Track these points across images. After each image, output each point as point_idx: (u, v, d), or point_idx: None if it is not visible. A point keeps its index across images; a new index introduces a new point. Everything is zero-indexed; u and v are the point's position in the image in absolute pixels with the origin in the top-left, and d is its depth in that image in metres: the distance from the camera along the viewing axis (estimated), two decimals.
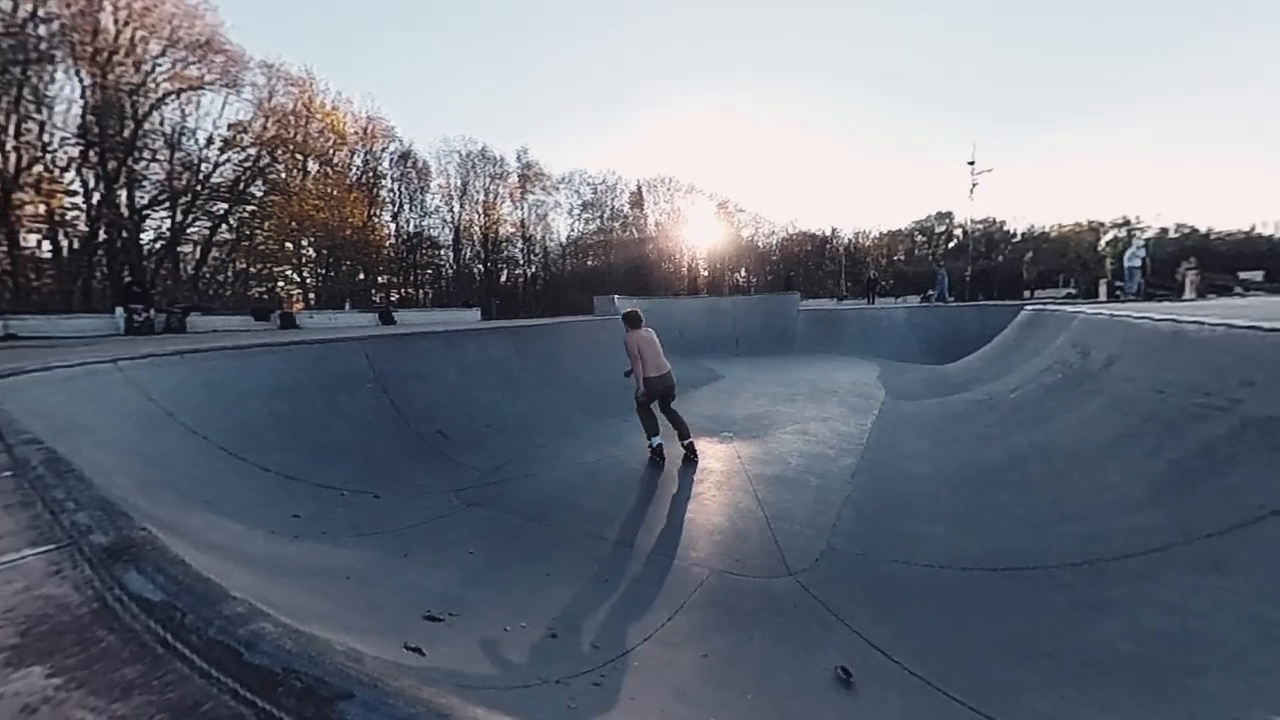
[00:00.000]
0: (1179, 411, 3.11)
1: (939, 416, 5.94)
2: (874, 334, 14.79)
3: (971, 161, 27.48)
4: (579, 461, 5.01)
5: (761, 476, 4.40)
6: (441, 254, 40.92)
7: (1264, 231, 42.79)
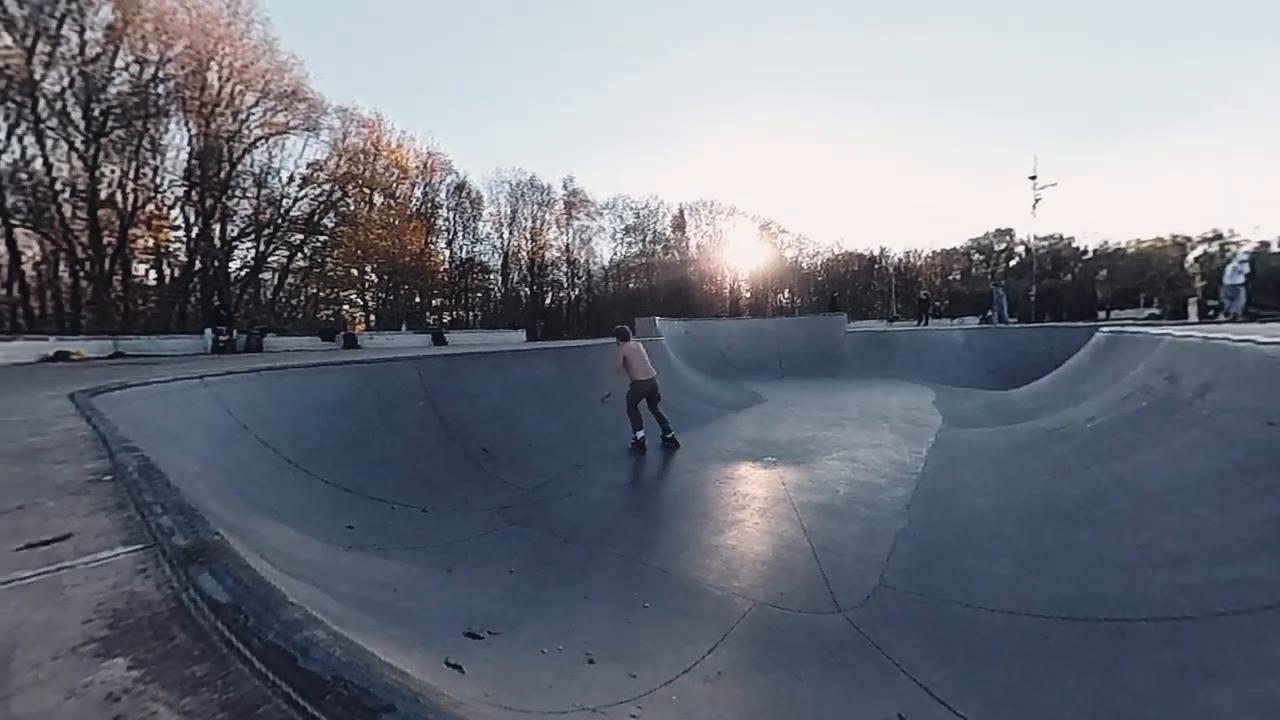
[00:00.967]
0: None
1: (1004, 446, 5.52)
2: (928, 357, 14.05)
3: (1033, 176, 26.06)
4: (617, 483, 4.99)
5: (807, 505, 4.22)
6: (491, 278, 42.89)
7: None
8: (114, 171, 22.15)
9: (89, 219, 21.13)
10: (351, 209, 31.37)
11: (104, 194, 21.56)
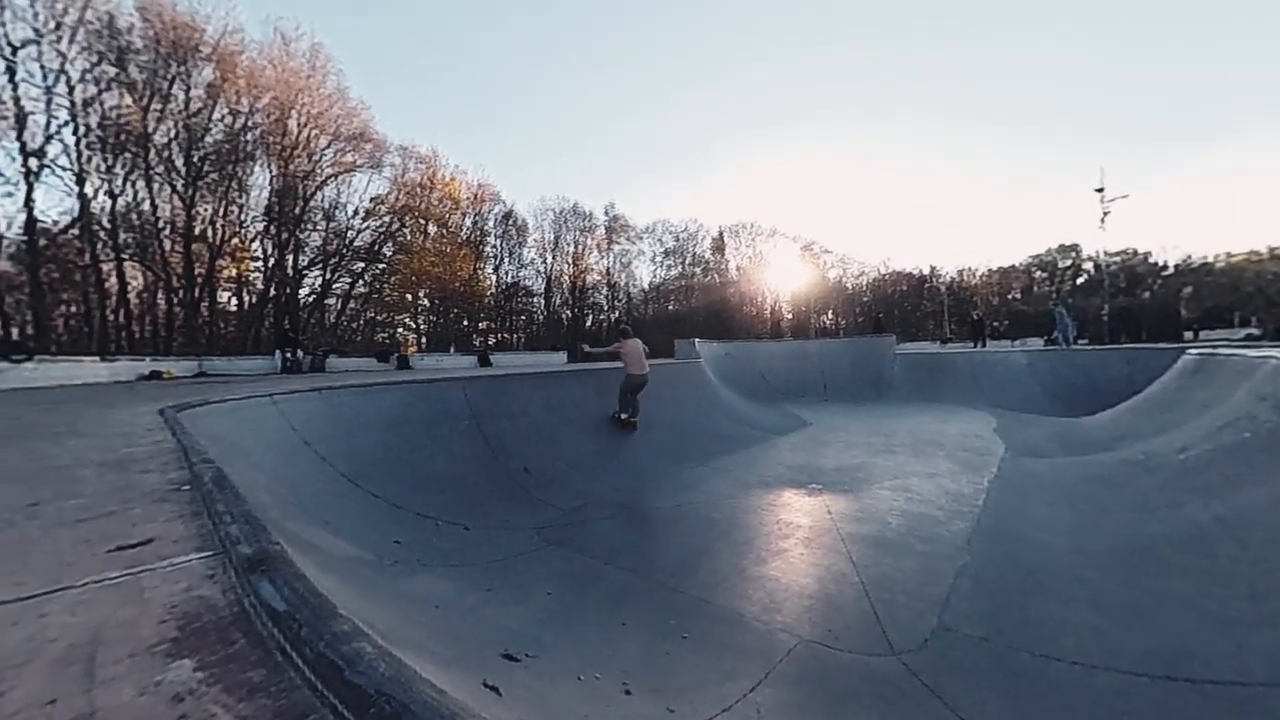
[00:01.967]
0: None
1: (1077, 479, 5.05)
2: (988, 381, 13.19)
3: (1100, 188, 24.52)
4: (656, 507, 4.92)
5: (856, 536, 3.99)
6: (534, 301, 44.34)
7: None
8: (207, 209, 24.84)
9: (184, 252, 23.69)
10: (408, 238, 33.50)
11: (198, 230, 24.15)
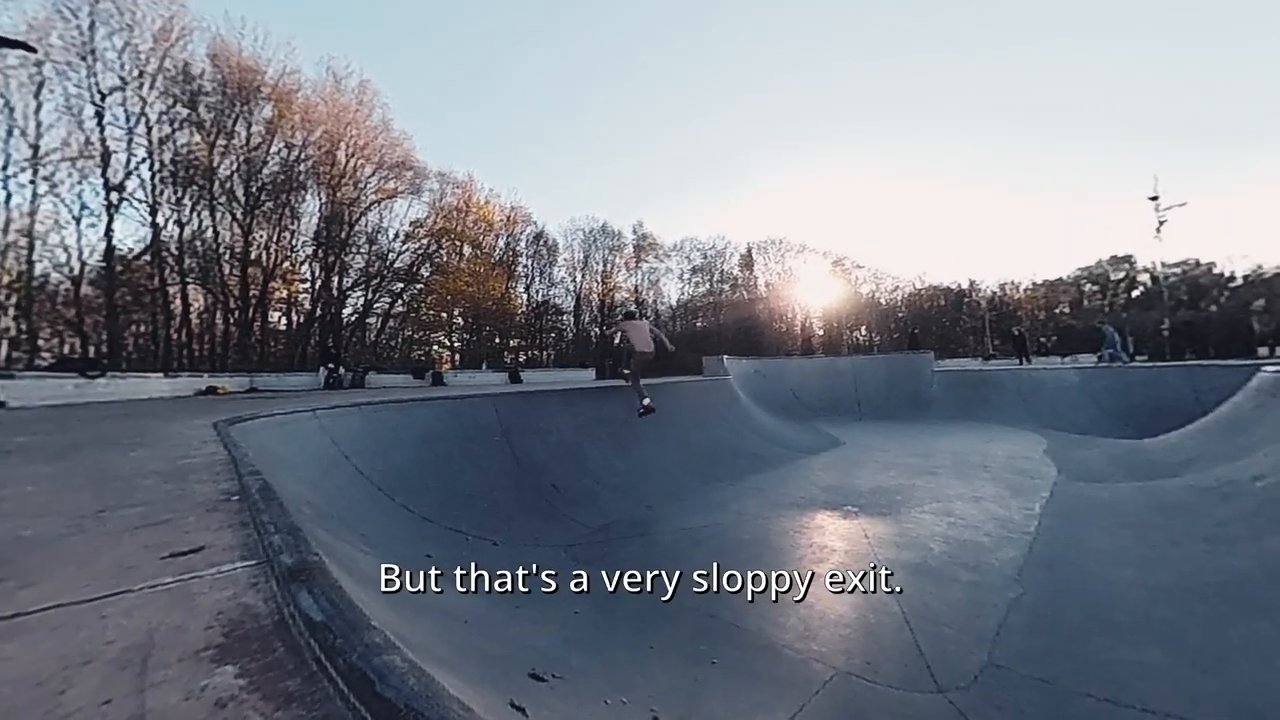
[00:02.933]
0: None
1: (1143, 506, 4.68)
2: (1036, 400, 12.49)
3: (1154, 197, 23.31)
4: (684, 526, 4.83)
5: (895, 562, 3.80)
6: (564, 319, 45.07)
7: None
8: (262, 235, 26.60)
9: (241, 275, 25.37)
10: (445, 260, 34.84)
11: (254, 254, 25.87)
